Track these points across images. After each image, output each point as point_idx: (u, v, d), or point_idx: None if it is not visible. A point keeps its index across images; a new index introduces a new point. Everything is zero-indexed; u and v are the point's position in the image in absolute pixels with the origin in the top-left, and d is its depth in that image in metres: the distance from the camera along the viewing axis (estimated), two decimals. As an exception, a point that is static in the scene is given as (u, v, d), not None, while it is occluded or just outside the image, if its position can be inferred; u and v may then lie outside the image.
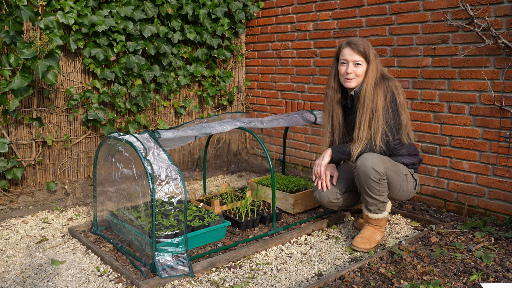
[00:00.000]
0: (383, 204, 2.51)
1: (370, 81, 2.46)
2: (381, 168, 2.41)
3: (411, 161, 2.60)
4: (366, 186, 2.45)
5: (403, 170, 2.56)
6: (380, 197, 2.47)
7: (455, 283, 2.04)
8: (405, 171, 2.57)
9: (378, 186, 2.44)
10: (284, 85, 4.25)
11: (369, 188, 2.45)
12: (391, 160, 2.52)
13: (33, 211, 3.09)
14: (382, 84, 2.47)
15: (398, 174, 2.51)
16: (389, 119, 2.44)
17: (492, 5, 2.77)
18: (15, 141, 3.27)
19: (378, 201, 2.48)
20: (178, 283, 2.12)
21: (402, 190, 2.56)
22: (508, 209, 2.82)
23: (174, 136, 2.49)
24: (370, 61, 2.47)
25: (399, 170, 2.52)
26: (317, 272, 2.27)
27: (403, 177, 2.54)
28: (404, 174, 2.55)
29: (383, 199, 2.49)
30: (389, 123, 2.45)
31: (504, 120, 2.79)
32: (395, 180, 2.50)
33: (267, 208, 2.94)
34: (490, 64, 2.82)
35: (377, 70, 2.49)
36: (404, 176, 2.54)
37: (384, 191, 2.47)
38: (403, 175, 2.54)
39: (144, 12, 3.60)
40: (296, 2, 4.04)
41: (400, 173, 2.52)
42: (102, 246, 2.54)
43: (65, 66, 3.46)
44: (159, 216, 2.43)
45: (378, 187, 2.44)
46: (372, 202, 2.49)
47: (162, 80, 3.85)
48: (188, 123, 2.82)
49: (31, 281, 2.15)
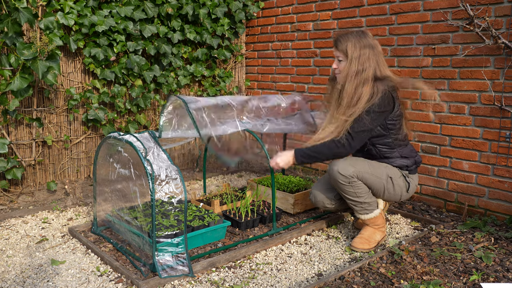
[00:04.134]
0: (368, 204, 2.50)
1: (349, 78, 2.40)
2: (349, 171, 2.40)
3: (404, 164, 2.55)
4: (340, 189, 2.48)
5: (388, 172, 2.50)
6: (359, 198, 2.47)
7: (455, 283, 2.04)
8: (393, 173, 2.51)
9: (350, 188, 2.43)
10: (284, 85, 4.25)
11: (343, 191, 2.46)
12: (370, 162, 2.49)
13: (33, 211, 3.09)
14: (371, 84, 2.39)
15: (378, 176, 2.47)
16: (367, 120, 2.37)
17: (492, 5, 2.77)
18: (15, 141, 3.27)
19: (358, 202, 2.48)
20: (178, 283, 2.12)
21: (388, 192, 2.53)
22: (508, 209, 2.82)
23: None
24: (348, 57, 2.42)
25: (380, 172, 2.48)
26: (317, 272, 2.27)
27: (387, 180, 2.49)
28: (389, 176, 2.50)
29: (364, 200, 2.48)
30: (365, 123, 2.38)
31: (504, 120, 2.79)
32: (374, 183, 2.47)
33: (267, 208, 2.94)
34: (490, 64, 2.82)
35: (358, 69, 2.40)
36: (388, 179, 2.50)
37: (361, 192, 2.46)
38: (387, 178, 2.49)
39: (144, 12, 3.60)
40: (296, 2, 4.04)
41: (381, 175, 2.48)
42: (102, 246, 2.54)
43: (65, 66, 3.46)
44: (159, 216, 2.43)
45: (351, 189, 2.44)
46: (354, 204, 2.50)
47: (162, 80, 3.85)
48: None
49: (31, 281, 2.15)
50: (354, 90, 2.39)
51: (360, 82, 2.39)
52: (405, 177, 2.57)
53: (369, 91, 2.38)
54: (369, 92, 2.38)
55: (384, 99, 2.38)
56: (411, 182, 2.59)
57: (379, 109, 2.38)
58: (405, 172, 2.58)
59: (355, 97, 2.39)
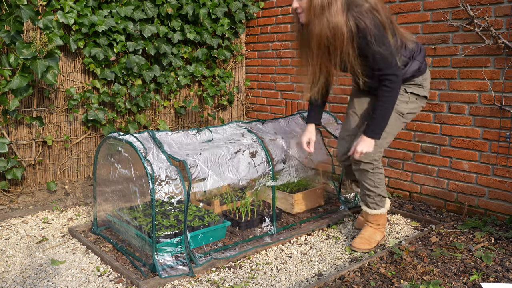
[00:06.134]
0: (381, 198, 2.49)
1: (313, 13, 2.11)
2: (370, 157, 2.34)
3: (417, 67, 2.33)
4: (360, 178, 2.45)
5: (403, 110, 2.37)
6: (376, 189, 2.45)
7: (455, 283, 2.04)
8: (400, 108, 2.37)
9: (372, 176, 2.41)
10: (284, 85, 4.25)
11: (364, 179, 2.45)
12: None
13: (33, 211, 3.09)
14: (346, 13, 2.09)
15: (391, 131, 2.39)
16: (371, 51, 2.12)
17: (492, 5, 2.77)
18: (15, 141, 3.27)
19: (375, 193, 2.47)
20: (178, 283, 2.12)
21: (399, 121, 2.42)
22: (508, 209, 2.82)
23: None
24: None
25: (393, 124, 2.38)
26: (317, 272, 2.27)
27: (399, 121, 2.39)
28: (400, 114, 2.38)
29: (380, 192, 2.47)
30: (375, 55, 2.13)
31: (504, 120, 2.79)
32: (390, 132, 2.39)
33: (267, 208, 2.94)
34: (490, 64, 2.82)
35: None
36: (400, 117, 2.39)
37: (379, 183, 2.44)
38: (400, 121, 2.39)
39: (144, 12, 3.60)
40: (296, 2, 4.04)
41: (395, 126, 2.39)
42: (102, 246, 2.54)
43: (65, 66, 3.46)
44: (159, 216, 2.43)
45: (372, 177, 2.42)
46: (369, 194, 2.48)
47: (162, 80, 3.85)
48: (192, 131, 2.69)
49: (31, 281, 2.15)
50: (327, 25, 2.08)
51: (333, 13, 2.07)
52: (416, 94, 2.41)
53: (347, 21, 2.08)
54: (346, 21, 2.08)
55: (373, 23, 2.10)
56: (419, 92, 2.42)
57: (378, 32, 2.10)
58: (418, 79, 2.38)
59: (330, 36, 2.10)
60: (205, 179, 2.35)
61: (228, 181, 2.46)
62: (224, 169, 2.47)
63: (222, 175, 2.44)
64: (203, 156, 2.41)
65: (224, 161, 2.49)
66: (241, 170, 2.54)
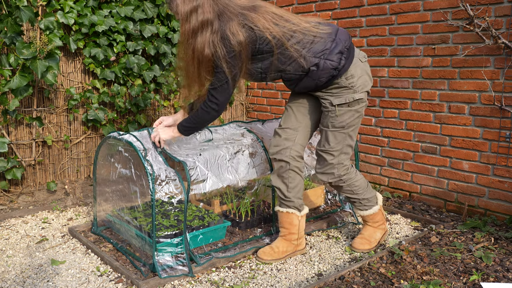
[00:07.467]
0: (367, 200, 2.45)
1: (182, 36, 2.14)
2: (335, 175, 2.31)
3: (331, 67, 2.09)
4: (339, 192, 2.47)
5: (341, 124, 2.22)
6: (357, 195, 2.42)
7: (455, 283, 2.04)
8: (342, 117, 2.22)
9: (348, 187, 2.39)
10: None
11: (342, 192, 2.44)
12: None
13: (33, 211, 3.09)
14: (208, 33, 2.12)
15: (349, 139, 2.29)
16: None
17: (492, 5, 2.77)
18: (15, 141, 3.27)
19: (358, 199, 2.44)
20: (178, 283, 2.12)
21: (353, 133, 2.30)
22: (508, 209, 2.82)
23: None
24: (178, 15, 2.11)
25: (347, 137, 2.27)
26: (317, 272, 2.27)
27: (345, 133, 2.25)
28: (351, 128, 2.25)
29: (363, 196, 2.43)
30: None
31: (504, 120, 2.79)
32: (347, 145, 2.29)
33: (267, 208, 2.94)
34: (490, 64, 2.82)
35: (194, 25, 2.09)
36: (342, 131, 2.24)
37: (358, 190, 2.40)
38: (345, 133, 2.25)
39: (144, 12, 3.60)
40: (296, 2, 4.04)
41: (349, 138, 2.28)
42: (102, 246, 2.54)
43: (65, 66, 3.46)
44: (159, 216, 2.43)
45: (348, 188, 2.39)
46: (354, 201, 2.47)
47: (162, 80, 3.85)
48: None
49: (31, 281, 2.15)
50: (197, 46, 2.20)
51: (197, 33, 2.13)
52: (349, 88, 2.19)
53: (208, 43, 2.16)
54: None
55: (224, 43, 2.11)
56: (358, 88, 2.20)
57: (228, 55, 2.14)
58: (341, 80, 2.16)
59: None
60: (204, 181, 2.35)
61: (227, 183, 2.46)
62: (224, 170, 2.47)
63: (221, 177, 2.44)
64: (202, 157, 2.41)
65: (224, 162, 2.49)
66: (241, 171, 2.54)
